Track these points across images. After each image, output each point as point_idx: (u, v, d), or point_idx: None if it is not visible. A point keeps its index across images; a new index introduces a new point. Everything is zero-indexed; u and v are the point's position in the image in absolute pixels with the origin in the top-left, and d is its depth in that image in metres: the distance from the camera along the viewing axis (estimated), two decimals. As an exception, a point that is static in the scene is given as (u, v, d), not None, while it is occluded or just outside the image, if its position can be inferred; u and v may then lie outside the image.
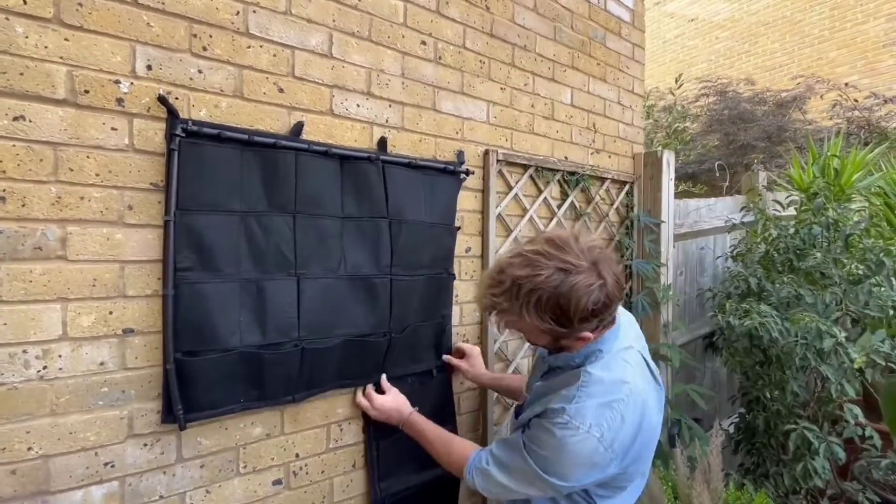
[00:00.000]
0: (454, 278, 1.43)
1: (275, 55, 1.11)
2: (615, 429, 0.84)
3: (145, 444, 0.96)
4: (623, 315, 1.01)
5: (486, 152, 1.53)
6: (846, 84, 4.71)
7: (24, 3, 0.83)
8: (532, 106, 1.69)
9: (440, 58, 1.42)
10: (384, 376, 1.26)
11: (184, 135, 0.95)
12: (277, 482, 1.14)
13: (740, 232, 2.45)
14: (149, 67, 0.95)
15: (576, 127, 1.86)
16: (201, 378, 0.97)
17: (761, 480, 1.84)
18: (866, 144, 4.89)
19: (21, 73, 0.83)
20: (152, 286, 0.96)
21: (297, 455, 1.17)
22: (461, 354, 1.41)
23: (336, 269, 1.16)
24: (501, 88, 1.59)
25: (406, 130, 1.35)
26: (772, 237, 1.98)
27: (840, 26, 6.00)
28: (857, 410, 1.61)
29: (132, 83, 0.94)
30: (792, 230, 1.86)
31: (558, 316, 0.83)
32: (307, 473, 1.19)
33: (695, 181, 5.76)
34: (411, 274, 1.28)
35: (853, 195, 2.07)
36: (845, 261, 1.71)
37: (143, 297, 0.95)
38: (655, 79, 7.91)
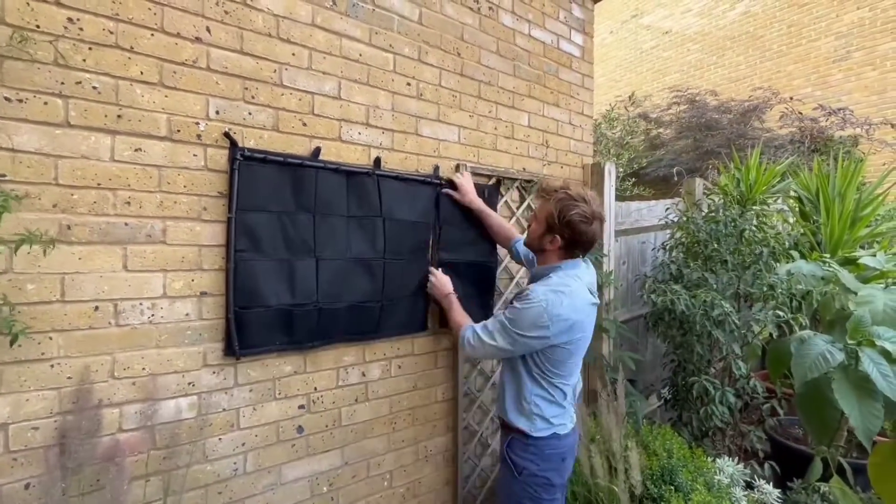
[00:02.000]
0: (430, 263, 1.87)
1: (300, 99, 1.55)
2: (555, 304, 1.38)
3: (214, 372, 1.40)
4: (587, 265, 1.56)
5: (458, 165, 1.97)
6: (790, 98, 5.22)
7: (141, 73, 1.26)
8: (495, 128, 2.14)
9: (421, 94, 1.87)
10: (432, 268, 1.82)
11: (242, 158, 1.39)
12: (301, 407, 1.58)
13: (674, 230, 2.92)
14: (217, 112, 1.39)
15: (532, 144, 2.31)
16: (251, 325, 1.40)
17: (680, 427, 2.31)
18: (814, 151, 5.43)
19: (140, 120, 1.26)
20: (219, 263, 1.39)
21: (315, 388, 1.61)
22: (453, 186, 1.88)
23: (344, 253, 1.60)
24: (470, 116, 2.04)
25: (395, 151, 1.79)
26: (691, 231, 2.44)
27: (796, 42, 6.55)
28: (742, 364, 2.08)
29: (206, 124, 1.37)
30: (703, 225, 2.34)
31: (561, 212, 1.44)
32: (322, 402, 1.62)
33: (666, 183, 6.26)
34: (398, 258, 1.73)
35: (767, 198, 2.53)
36: (743, 249, 2.18)
37: (213, 270, 1.39)
38: (633, 86, 8.44)
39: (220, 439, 1.41)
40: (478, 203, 1.90)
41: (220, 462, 1.41)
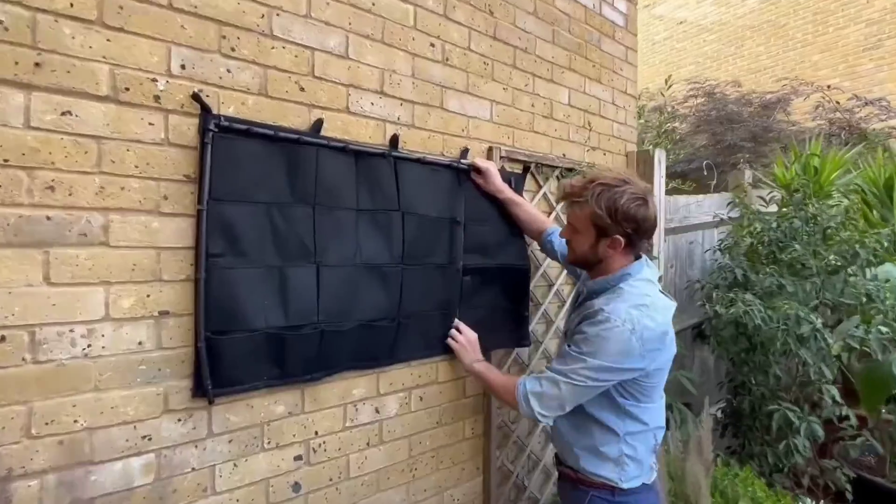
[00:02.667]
0: (460, 271, 1.50)
1: (296, 56, 1.18)
2: (645, 325, 1.07)
3: (179, 419, 1.03)
4: (647, 262, 1.23)
5: (490, 149, 1.61)
6: (829, 86, 4.88)
7: (71, 5, 0.89)
8: (532, 106, 1.78)
9: (447, 59, 1.50)
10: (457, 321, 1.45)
11: (216, 129, 1.02)
12: (298, 458, 1.21)
13: (727, 227, 2.56)
14: (182, 67, 1.02)
15: (573, 126, 1.95)
16: (229, 356, 1.04)
17: (746, 460, 1.95)
18: (846, 145, 5.08)
19: (68, 71, 0.89)
20: (185, 271, 1.03)
21: (316, 432, 1.24)
22: (477, 171, 1.53)
23: (352, 258, 1.23)
24: (504, 89, 1.67)
25: (416, 128, 1.43)
26: (756, 231, 2.09)
27: (822, 31, 6.20)
28: (834, 391, 1.73)
29: (168, 81, 1.00)
30: (774, 224, 1.98)
31: (609, 206, 1.10)
32: (325, 450, 1.26)
33: (684, 179, 5.92)
34: (420, 263, 1.36)
35: (832, 192, 2.19)
36: (823, 252, 1.83)
37: (178, 282, 1.02)
38: (645, 80, 8.08)
39: (188, 510, 1.04)
40: (507, 191, 1.55)
41: (189, 540, 1.04)
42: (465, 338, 1.42)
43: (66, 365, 0.90)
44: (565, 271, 1.84)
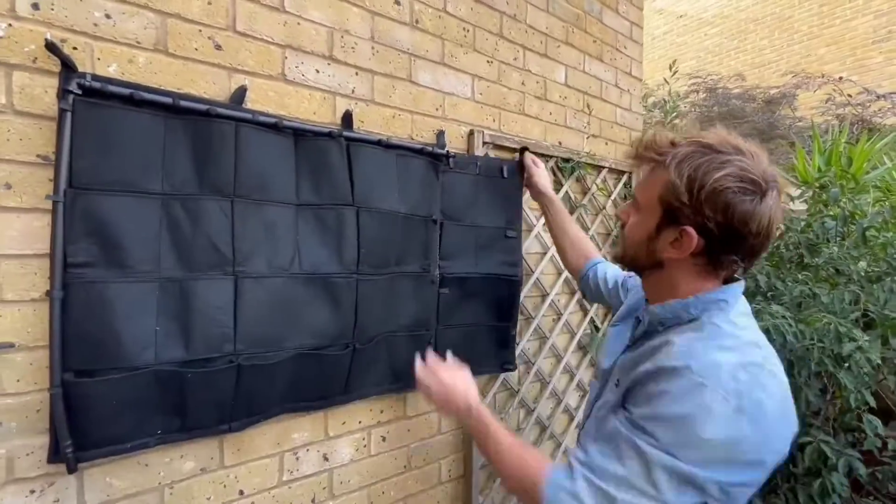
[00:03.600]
0: (435, 282, 1.23)
1: (210, 2, 0.90)
2: (757, 403, 0.61)
3: (32, 491, 0.75)
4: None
5: (471, 133, 1.34)
6: (840, 78, 4.63)
7: None
8: (523, 83, 1.50)
9: (417, 21, 1.22)
10: (440, 354, 0.93)
11: (80, 92, 0.74)
12: (215, 527, 0.93)
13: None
14: (35, 6, 0.74)
15: (570, 109, 1.68)
16: (100, 404, 0.75)
17: (770, 498, 1.69)
18: (857, 141, 4.83)
19: None
20: (40, 288, 0.75)
21: (241, 492, 0.96)
22: (521, 165, 1.31)
23: (287, 266, 0.95)
24: (488, 62, 1.40)
25: (376, 104, 1.15)
26: (780, 231, 1.83)
27: (829, 23, 5.96)
28: (877, 422, 1.47)
29: (10, 25, 0.72)
30: (803, 224, 1.71)
31: (694, 178, 0.65)
32: (254, 514, 0.98)
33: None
34: (382, 273, 1.08)
35: (867, 187, 1.93)
36: (861, 256, 1.57)
37: (27, 303, 0.74)
38: (644, 75, 7.84)
39: None
40: (552, 193, 1.28)
41: None
42: (444, 378, 0.87)
43: None
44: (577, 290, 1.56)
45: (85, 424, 0.74)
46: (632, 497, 0.61)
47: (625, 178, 1.88)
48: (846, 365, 1.46)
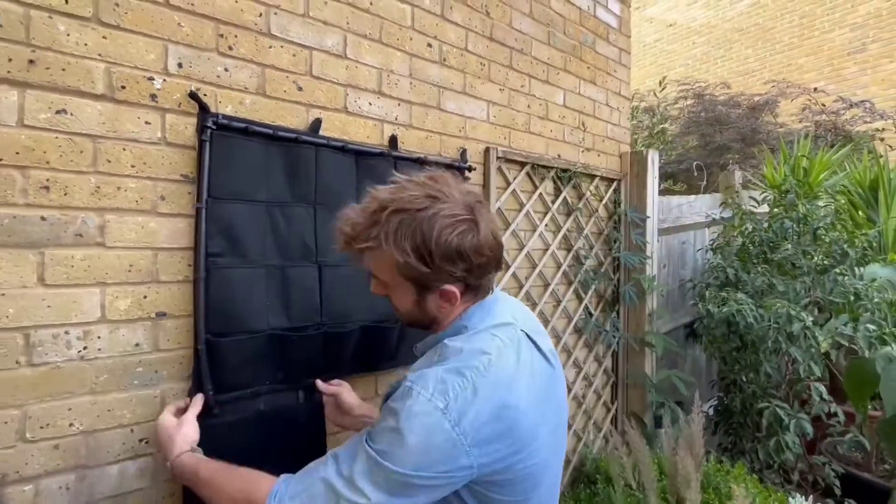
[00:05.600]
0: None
1: (294, 55, 1.17)
2: (464, 400, 0.66)
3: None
4: (507, 299, 0.88)
5: (487, 150, 1.62)
6: (815, 89, 4.97)
7: (66, 2, 0.88)
8: (528, 106, 1.79)
9: (444, 59, 1.50)
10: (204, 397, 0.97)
11: (214, 128, 1.01)
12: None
13: (718, 228, 2.60)
14: (179, 65, 1.01)
15: (568, 126, 1.96)
16: (230, 359, 1.02)
17: (738, 457, 1.98)
18: (832, 147, 5.18)
19: (63, 69, 0.88)
20: (183, 272, 1.02)
21: (314, 434, 1.23)
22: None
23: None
24: (500, 89, 1.68)
25: (414, 128, 1.43)
26: (747, 231, 2.12)
27: (808, 34, 6.31)
28: (822, 388, 1.76)
29: (164, 80, 0.99)
30: (766, 224, 2.01)
31: (418, 246, 0.70)
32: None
33: (674, 180, 5.99)
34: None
35: (820, 193, 2.24)
36: (813, 252, 1.86)
37: (175, 283, 1.01)
38: (636, 81, 8.16)
39: (185, 514, 1.03)
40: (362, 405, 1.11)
41: (186, 544, 1.03)
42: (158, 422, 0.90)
43: (61, 367, 0.89)
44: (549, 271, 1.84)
45: (220, 373, 1.01)
46: (350, 493, 0.65)
47: (614, 185, 2.17)
48: (797, 343, 1.76)
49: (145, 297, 0.97)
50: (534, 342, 0.79)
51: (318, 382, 1.11)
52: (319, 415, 1.13)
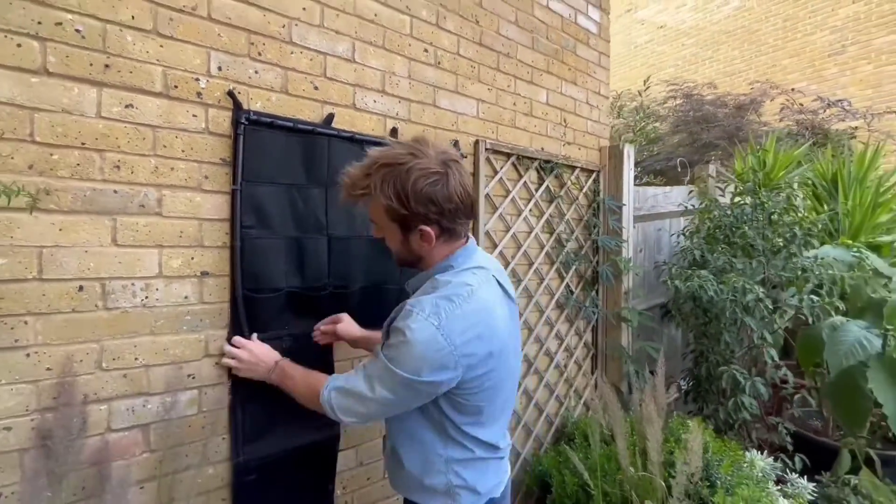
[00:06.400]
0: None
1: (311, 59, 1.39)
2: (453, 319, 0.87)
3: (216, 363, 1.23)
4: (482, 251, 1.08)
5: (477, 142, 1.84)
6: (792, 89, 5.20)
7: (133, 17, 1.09)
8: (514, 104, 2.01)
9: (439, 63, 1.72)
10: (251, 337, 1.22)
11: (247, 122, 1.23)
12: (313, 402, 1.42)
13: (692, 216, 2.83)
14: (219, 68, 1.22)
15: (550, 122, 2.19)
16: (259, 310, 1.24)
17: (703, 420, 2.21)
18: (813, 144, 5.43)
19: (130, 72, 1.09)
20: (222, 239, 1.23)
21: (327, 382, 1.45)
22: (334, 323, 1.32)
23: (357, 231, 1.44)
24: (489, 89, 1.90)
25: (412, 122, 1.64)
26: (714, 217, 2.35)
27: (791, 36, 6.56)
28: (773, 352, 1.99)
29: (208, 80, 1.20)
30: (728, 210, 2.24)
31: (398, 192, 0.89)
32: (336, 397, 1.47)
33: (663, 176, 6.22)
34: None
35: (782, 183, 2.46)
36: (769, 234, 2.09)
37: (216, 248, 1.22)
38: (627, 81, 8.40)
39: (223, 438, 1.24)
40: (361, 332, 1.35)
41: (224, 465, 1.24)
42: (247, 352, 1.16)
43: (128, 312, 1.10)
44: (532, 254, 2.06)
45: (253, 321, 1.23)
46: (368, 390, 0.92)
47: (594, 175, 2.39)
48: (752, 313, 1.98)
49: (192, 258, 1.19)
50: (500, 284, 1.04)
51: (317, 327, 1.32)
52: (329, 354, 1.36)
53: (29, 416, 0.99)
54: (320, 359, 1.34)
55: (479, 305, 0.92)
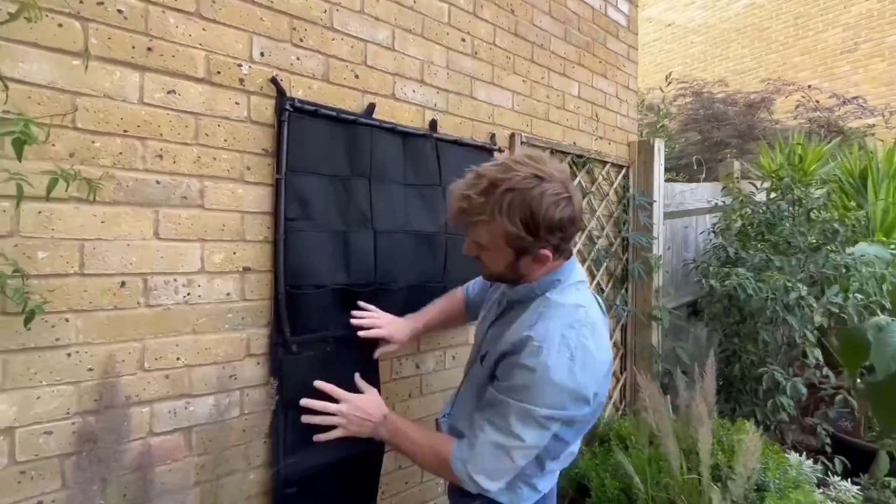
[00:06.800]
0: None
1: (352, 47, 1.33)
2: (583, 349, 0.84)
3: (258, 363, 1.18)
4: (577, 263, 1.02)
5: (512, 135, 1.78)
6: (809, 86, 5.16)
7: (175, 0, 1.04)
8: (547, 97, 1.95)
9: (476, 52, 1.66)
10: (357, 376, 1.15)
11: (291, 109, 1.17)
12: (353, 403, 1.36)
13: (717, 213, 2.78)
14: (262, 54, 1.16)
15: (582, 116, 2.13)
16: (303, 308, 1.18)
17: (739, 417, 2.16)
18: (828, 141, 5.38)
19: (173, 56, 1.03)
20: (264, 233, 1.17)
21: (367, 383, 1.40)
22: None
23: (403, 226, 1.39)
24: (523, 80, 1.84)
25: (450, 114, 1.59)
26: (747, 214, 2.30)
27: (803, 34, 6.51)
28: (818, 352, 1.94)
29: (250, 66, 1.15)
30: (764, 207, 2.19)
31: (527, 219, 0.83)
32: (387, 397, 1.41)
33: (676, 173, 6.17)
34: (461, 233, 1.52)
35: (813, 180, 2.41)
36: (807, 232, 2.04)
37: (258, 242, 1.17)
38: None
39: (264, 442, 1.19)
40: (419, 324, 1.29)
41: (265, 470, 1.19)
42: (351, 406, 1.04)
43: (171, 309, 1.04)
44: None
45: (295, 319, 1.17)
46: (512, 441, 0.84)
47: (623, 171, 2.34)
48: (793, 312, 1.93)
49: (234, 253, 1.13)
50: (594, 296, 1.01)
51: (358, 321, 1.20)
52: (371, 352, 1.29)
53: (70, 419, 0.93)
54: (365, 360, 1.28)
55: (598, 329, 0.90)
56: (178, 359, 1.06)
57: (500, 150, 1.69)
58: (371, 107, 1.36)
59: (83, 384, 0.94)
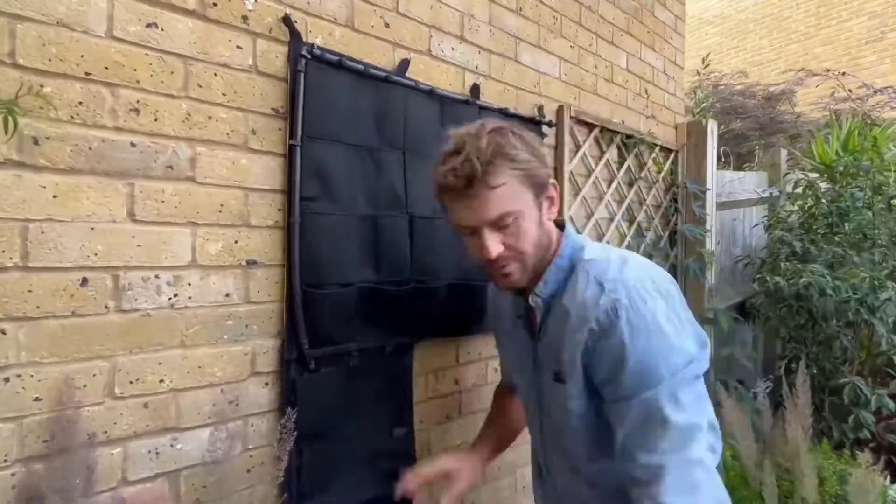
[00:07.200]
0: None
1: (382, -12, 1.07)
2: (665, 285, 0.74)
3: (266, 384, 0.92)
4: None
5: (560, 108, 1.52)
6: (843, 73, 4.90)
7: None
8: (595, 67, 1.69)
9: (521, 9, 1.41)
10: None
11: (309, 57, 0.91)
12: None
13: (765, 205, 2.52)
14: (271, -14, 0.90)
15: (630, 92, 1.87)
16: (324, 312, 0.92)
17: (813, 435, 1.91)
18: (871, 129, 5.11)
19: (154, -23, 0.78)
20: (273, 217, 0.91)
21: (398, 403, 1.13)
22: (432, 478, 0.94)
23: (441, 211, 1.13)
24: (571, 46, 1.59)
25: (492, 79, 1.33)
26: (808, 205, 2.05)
27: (825, 23, 6.27)
28: (906, 362, 1.69)
29: (256, 1, 0.89)
30: (834, 195, 1.93)
31: (533, 150, 0.76)
32: (421, 421, 1.15)
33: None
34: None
35: (890, 165, 2.16)
36: (890, 222, 1.79)
37: (266, 228, 0.91)
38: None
39: (275, 487, 0.92)
40: (484, 452, 1.03)
41: (276, 519, 0.93)
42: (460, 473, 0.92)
43: (151, 316, 0.78)
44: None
45: (314, 327, 0.91)
46: (695, 432, 0.65)
47: (672, 155, 2.08)
48: (879, 314, 1.68)
49: (236, 241, 0.87)
50: None
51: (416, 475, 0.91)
52: (408, 374, 1.04)
53: (9, 468, 0.67)
54: (396, 377, 1.02)
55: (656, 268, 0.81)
56: (160, 381, 0.80)
57: (550, 124, 1.43)
58: (405, 63, 1.10)
59: (27, 420, 0.68)
